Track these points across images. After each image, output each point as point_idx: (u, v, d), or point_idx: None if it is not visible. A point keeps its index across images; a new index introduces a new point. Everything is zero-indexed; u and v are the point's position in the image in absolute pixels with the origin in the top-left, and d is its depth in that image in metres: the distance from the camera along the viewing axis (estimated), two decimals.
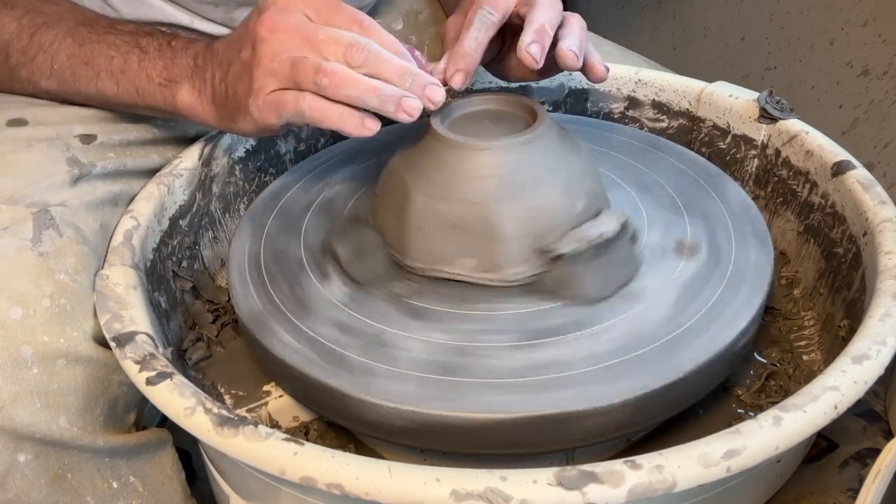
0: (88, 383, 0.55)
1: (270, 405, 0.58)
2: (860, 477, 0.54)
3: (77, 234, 0.58)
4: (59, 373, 0.54)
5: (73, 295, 0.56)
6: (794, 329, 0.62)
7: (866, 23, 1.10)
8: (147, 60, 0.61)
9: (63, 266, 0.56)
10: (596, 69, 0.60)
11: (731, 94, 0.72)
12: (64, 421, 0.54)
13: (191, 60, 0.60)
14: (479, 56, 0.58)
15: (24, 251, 0.55)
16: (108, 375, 0.57)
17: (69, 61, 0.63)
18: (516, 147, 0.55)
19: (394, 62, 0.53)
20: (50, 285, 0.55)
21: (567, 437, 0.48)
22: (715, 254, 0.57)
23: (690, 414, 0.54)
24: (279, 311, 0.55)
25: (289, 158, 0.77)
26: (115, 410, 0.58)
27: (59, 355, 0.54)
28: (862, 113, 1.11)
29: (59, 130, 0.64)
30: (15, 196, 0.57)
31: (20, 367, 0.52)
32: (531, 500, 0.38)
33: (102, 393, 0.57)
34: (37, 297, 0.54)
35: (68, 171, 0.61)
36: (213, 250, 0.71)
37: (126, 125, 0.68)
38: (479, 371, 0.49)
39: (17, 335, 0.52)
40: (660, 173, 0.66)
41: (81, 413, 0.55)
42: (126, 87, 0.62)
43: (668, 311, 0.53)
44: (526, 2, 0.60)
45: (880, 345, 0.46)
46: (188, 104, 0.60)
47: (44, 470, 0.54)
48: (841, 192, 0.61)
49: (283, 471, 0.42)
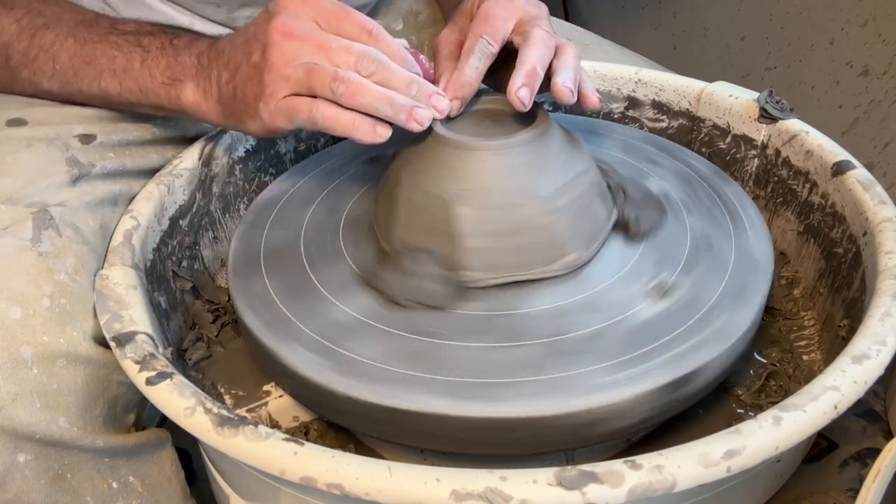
0: (88, 383, 0.55)
1: (270, 405, 0.58)
2: (860, 477, 0.54)
3: (77, 234, 0.58)
4: (59, 373, 0.54)
5: (73, 295, 0.56)
6: (794, 329, 0.62)
7: (866, 23, 1.10)
8: (150, 59, 0.62)
9: (63, 266, 0.56)
10: (589, 99, 0.60)
11: (731, 94, 0.72)
12: (64, 421, 0.54)
13: (194, 59, 0.61)
14: (477, 85, 0.60)
15: (24, 251, 0.55)
16: (107, 375, 0.57)
17: (71, 61, 0.63)
18: (516, 147, 0.55)
19: (401, 73, 0.54)
20: (49, 285, 0.55)
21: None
22: (715, 254, 0.57)
23: (690, 414, 0.54)
24: (282, 313, 0.55)
25: (289, 158, 0.77)
26: (114, 410, 0.58)
27: (58, 355, 0.54)
28: (862, 113, 1.11)
29: (59, 130, 0.64)
30: (14, 196, 0.57)
31: (20, 367, 0.52)
32: (531, 500, 0.38)
33: (102, 393, 0.57)
34: (36, 297, 0.54)
35: (68, 171, 0.61)
36: (213, 250, 0.71)
37: (126, 125, 0.68)
38: None
39: (17, 335, 0.52)
40: (660, 174, 0.67)
41: (81, 413, 0.55)
42: (129, 86, 0.62)
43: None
44: (521, 32, 0.60)
45: (880, 345, 0.46)
46: (193, 102, 0.61)
47: (43, 470, 0.54)
48: (841, 192, 0.61)
49: (283, 471, 0.42)
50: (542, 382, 0.48)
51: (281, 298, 0.56)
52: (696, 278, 0.55)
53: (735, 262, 0.57)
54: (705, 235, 0.59)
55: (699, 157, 0.70)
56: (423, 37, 0.89)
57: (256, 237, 0.63)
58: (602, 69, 0.79)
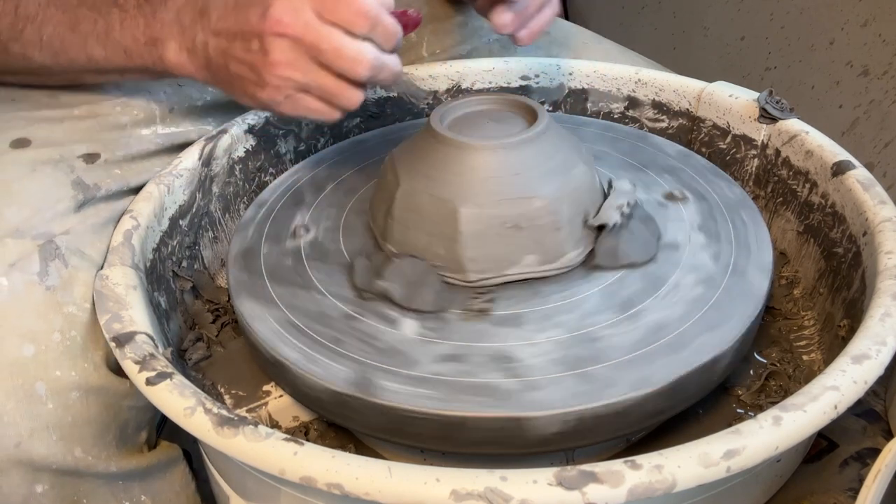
0: (101, 412, 0.57)
1: (270, 405, 0.58)
2: (860, 477, 0.54)
3: (83, 261, 0.58)
4: (73, 405, 0.55)
5: (83, 325, 0.57)
6: (794, 329, 0.62)
7: (866, 23, 1.10)
8: (128, 20, 0.60)
9: (71, 297, 0.57)
10: (518, 37, 0.66)
11: (731, 94, 0.72)
12: (79, 451, 0.56)
13: (173, 15, 0.59)
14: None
15: (33, 286, 0.55)
16: (118, 402, 0.58)
17: (56, 30, 0.62)
18: (516, 147, 0.55)
19: (392, 74, 0.56)
20: (59, 319, 0.55)
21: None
22: (715, 254, 0.57)
23: (690, 414, 0.54)
24: (281, 310, 0.55)
25: (289, 158, 0.77)
26: (125, 433, 0.60)
27: (71, 388, 0.55)
28: (862, 113, 1.11)
29: (63, 151, 0.63)
30: (21, 228, 0.57)
31: (35, 402, 0.53)
32: (531, 500, 0.38)
33: (114, 419, 0.58)
34: (47, 333, 0.55)
35: (73, 197, 0.61)
36: (213, 250, 0.71)
37: (128, 140, 0.67)
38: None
39: (31, 372, 0.53)
40: (657, 172, 0.67)
41: (95, 441, 0.57)
42: (114, 49, 0.61)
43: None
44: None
45: (880, 345, 0.46)
46: (177, 64, 0.60)
47: (60, 498, 0.55)
48: (841, 192, 0.61)
49: (283, 471, 0.42)
50: (549, 381, 0.48)
51: (281, 298, 0.56)
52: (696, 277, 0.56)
53: (735, 262, 0.57)
54: (704, 236, 0.59)
55: (695, 155, 0.70)
56: (422, 35, 0.89)
57: (257, 237, 0.63)
58: (602, 69, 0.79)
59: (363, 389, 0.48)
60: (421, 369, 0.50)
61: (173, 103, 0.72)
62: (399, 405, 0.47)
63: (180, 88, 0.73)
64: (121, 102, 0.69)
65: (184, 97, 0.73)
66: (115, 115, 0.68)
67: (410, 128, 0.77)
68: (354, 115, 0.79)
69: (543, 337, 0.51)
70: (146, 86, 0.70)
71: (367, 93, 0.58)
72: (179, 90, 0.73)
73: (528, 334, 0.52)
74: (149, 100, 0.70)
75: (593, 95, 0.80)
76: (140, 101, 0.70)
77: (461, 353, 0.51)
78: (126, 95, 0.69)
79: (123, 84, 0.69)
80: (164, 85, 0.72)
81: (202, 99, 0.74)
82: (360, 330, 0.53)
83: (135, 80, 0.68)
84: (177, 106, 0.72)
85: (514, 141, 0.55)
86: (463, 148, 0.55)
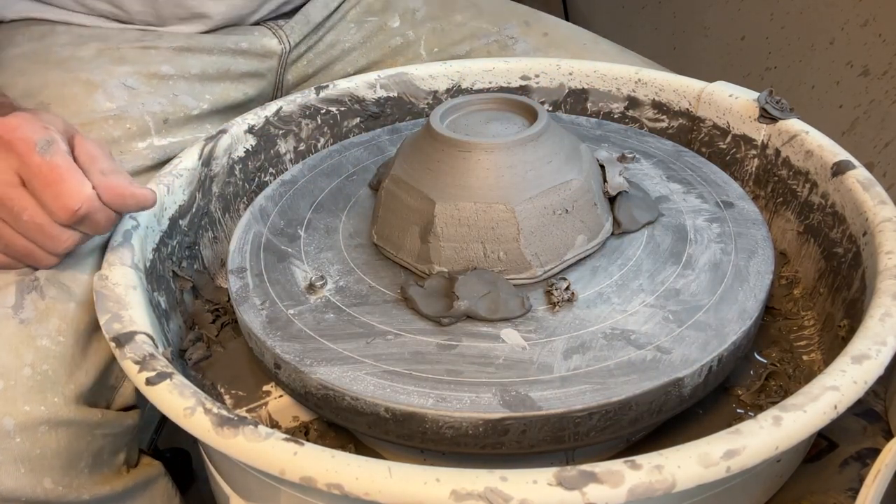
0: (71, 443, 0.56)
1: (270, 405, 0.58)
2: (860, 477, 0.54)
3: (62, 293, 0.57)
4: (42, 439, 0.54)
5: (55, 359, 0.56)
6: (794, 329, 0.62)
7: (866, 23, 1.10)
8: None
9: (45, 330, 0.56)
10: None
11: (731, 93, 0.72)
12: (48, 482, 0.55)
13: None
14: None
15: (5, 320, 0.55)
16: (91, 431, 0.57)
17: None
18: (516, 147, 0.55)
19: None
20: (31, 353, 0.55)
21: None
22: (699, 195, 0.59)
23: (690, 414, 0.54)
24: (369, 364, 0.51)
25: (289, 158, 0.77)
26: (100, 458, 0.59)
27: (40, 422, 0.54)
28: (862, 113, 1.11)
29: None
30: None
31: (3, 437, 0.53)
32: (531, 500, 0.38)
33: (86, 447, 0.57)
34: (17, 368, 0.54)
35: None
36: (212, 250, 0.71)
37: (120, 157, 0.67)
38: None
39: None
40: (594, 142, 0.69)
41: (66, 471, 0.56)
42: None
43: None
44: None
45: (880, 345, 0.46)
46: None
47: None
48: (841, 192, 0.61)
49: (283, 471, 0.42)
50: (672, 340, 0.50)
51: (355, 352, 0.52)
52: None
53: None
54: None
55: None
56: (420, 33, 0.89)
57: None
58: (602, 69, 0.79)
59: (518, 408, 0.46)
60: (559, 369, 0.49)
61: (168, 114, 0.71)
62: (566, 410, 0.46)
63: (175, 98, 0.72)
64: (113, 116, 0.68)
65: (179, 107, 0.72)
66: (107, 129, 0.67)
67: (410, 127, 0.77)
68: (354, 116, 0.80)
69: (636, 305, 0.53)
70: (139, 97, 0.70)
71: (368, 93, 0.57)
72: (175, 99, 0.72)
73: (621, 306, 0.53)
74: (142, 112, 0.69)
75: (593, 95, 0.80)
76: (133, 113, 0.69)
77: (580, 344, 0.51)
78: (118, 109, 0.68)
79: (114, 96, 0.69)
80: (159, 95, 0.72)
81: (198, 108, 0.74)
82: (466, 356, 0.50)
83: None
84: (171, 116, 0.72)
85: (513, 141, 0.55)
86: (463, 147, 0.55)
